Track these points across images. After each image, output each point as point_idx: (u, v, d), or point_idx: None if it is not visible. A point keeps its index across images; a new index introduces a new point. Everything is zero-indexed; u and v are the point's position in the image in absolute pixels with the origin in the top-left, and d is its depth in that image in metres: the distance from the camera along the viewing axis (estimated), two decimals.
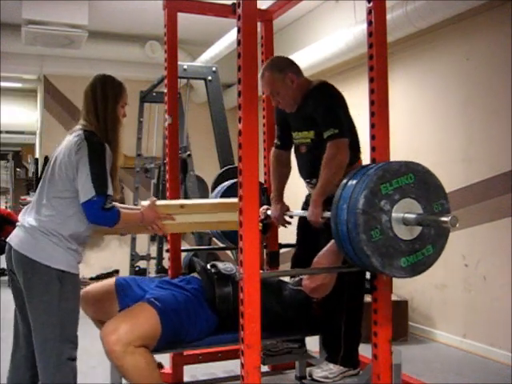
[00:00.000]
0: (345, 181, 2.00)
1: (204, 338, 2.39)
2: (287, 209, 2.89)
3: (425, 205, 1.93)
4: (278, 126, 2.98)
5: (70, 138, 2.22)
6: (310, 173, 2.78)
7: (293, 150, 2.92)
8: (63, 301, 2.12)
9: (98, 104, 2.26)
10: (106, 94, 2.28)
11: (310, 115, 2.65)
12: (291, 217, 2.91)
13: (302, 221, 2.94)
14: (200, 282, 2.51)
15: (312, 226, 2.61)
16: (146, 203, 2.40)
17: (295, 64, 2.75)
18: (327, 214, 2.36)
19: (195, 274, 2.61)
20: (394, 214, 1.88)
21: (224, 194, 3.10)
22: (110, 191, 2.14)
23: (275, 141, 2.99)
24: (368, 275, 2.33)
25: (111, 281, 2.54)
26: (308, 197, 2.91)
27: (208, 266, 2.58)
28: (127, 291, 2.49)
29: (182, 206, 2.45)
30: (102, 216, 2.13)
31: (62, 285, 2.12)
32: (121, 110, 2.33)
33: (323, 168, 2.52)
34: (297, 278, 2.61)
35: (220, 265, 2.55)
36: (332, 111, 2.58)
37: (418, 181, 1.93)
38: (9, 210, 8.36)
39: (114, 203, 2.19)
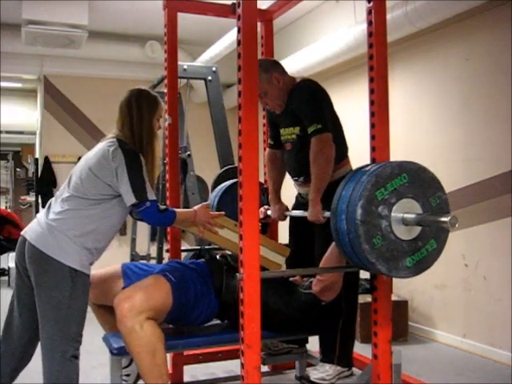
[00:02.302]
0: (338, 191, 2.00)
1: (201, 321, 2.41)
2: (286, 208, 2.90)
3: (422, 201, 1.93)
4: (269, 125, 3.00)
5: (103, 145, 2.26)
6: (296, 170, 2.78)
7: None
8: (73, 299, 2.14)
9: (134, 118, 2.31)
10: (141, 108, 2.33)
11: (294, 112, 2.67)
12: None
13: (294, 223, 2.94)
14: (208, 268, 2.53)
15: (302, 227, 2.62)
16: (198, 207, 2.48)
17: (280, 64, 2.79)
18: (327, 213, 2.36)
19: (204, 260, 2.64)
20: (393, 217, 1.88)
21: (224, 195, 3.09)
22: (152, 195, 2.21)
23: (269, 141, 3.00)
24: (368, 275, 2.33)
25: (116, 266, 2.57)
26: (298, 197, 2.92)
27: (218, 257, 2.61)
28: (134, 270, 2.52)
29: (235, 225, 2.50)
30: (161, 217, 2.25)
31: (74, 283, 2.14)
32: (156, 123, 2.38)
33: (312, 165, 2.53)
34: (307, 282, 2.61)
35: (229, 257, 2.58)
36: (314, 106, 2.59)
37: (411, 179, 1.92)
38: (8, 210, 8.35)
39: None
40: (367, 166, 2.02)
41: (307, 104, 2.60)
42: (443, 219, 1.82)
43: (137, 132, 2.30)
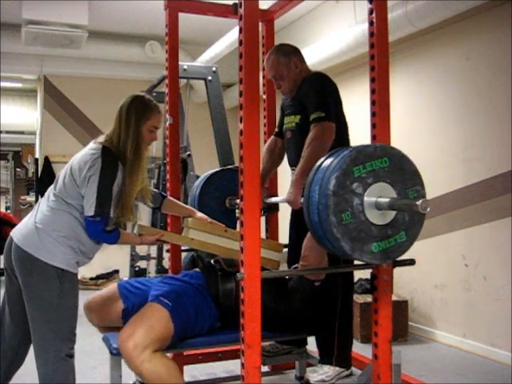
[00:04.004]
0: (318, 163, 1.97)
1: (206, 331, 2.42)
2: (266, 194, 2.91)
3: (399, 190, 1.89)
4: (279, 113, 3.03)
5: (88, 150, 2.24)
6: (293, 159, 2.77)
7: None
8: (62, 298, 2.14)
9: (121, 126, 2.25)
10: (129, 116, 2.25)
11: (301, 100, 2.69)
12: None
13: (295, 215, 2.93)
14: (203, 277, 2.53)
15: (303, 220, 2.60)
16: (190, 219, 2.49)
17: (300, 51, 2.83)
18: None
19: (198, 270, 2.63)
20: (366, 198, 1.84)
21: (205, 185, 3.06)
22: (111, 213, 2.19)
23: (276, 128, 3.03)
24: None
25: (113, 285, 2.57)
26: None
27: (212, 262, 2.60)
28: (131, 290, 2.52)
29: (225, 231, 2.53)
30: (102, 237, 2.24)
31: (62, 283, 2.14)
32: (146, 135, 2.28)
33: (306, 148, 2.50)
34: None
35: (223, 262, 2.58)
36: (321, 96, 2.60)
37: (392, 165, 1.89)
38: (5, 212, 8.33)
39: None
40: (346, 147, 2.00)
41: (314, 92, 2.61)
42: (415, 202, 1.77)
43: (122, 140, 2.23)
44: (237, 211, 2.89)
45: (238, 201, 2.86)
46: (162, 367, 2.15)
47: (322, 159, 1.97)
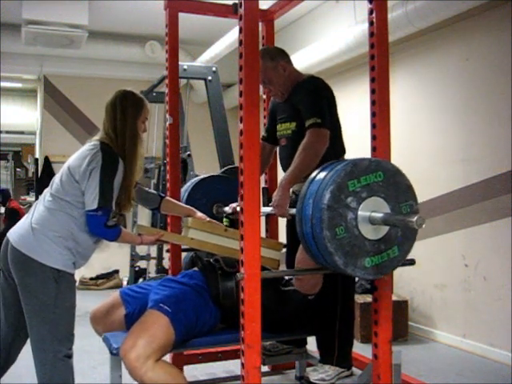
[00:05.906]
0: (313, 175, 1.96)
1: (208, 331, 2.42)
2: None
3: (393, 205, 1.89)
4: (268, 117, 3.01)
5: (86, 147, 2.28)
6: (287, 167, 2.76)
7: None
8: (59, 299, 2.14)
9: (117, 119, 2.32)
10: (125, 110, 2.33)
11: (295, 106, 2.66)
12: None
13: (290, 220, 2.92)
14: (202, 277, 2.53)
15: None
16: (189, 219, 2.50)
17: (286, 53, 2.80)
18: (293, 211, 2.26)
19: (197, 269, 2.63)
20: (360, 212, 1.84)
21: (192, 191, 3.04)
22: (112, 207, 2.21)
23: (263, 132, 2.99)
24: None
25: (115, 294, 2.58)
26: (291, 195, 2.89)
27: (211, 261, 2.60)
28: (131, 294, 2.54)
29: (225, 230, 2.54)
30: (103, 232, 2.23)
31: (58, 284, 2.14)
32: (141, 126, 2.37)
33: (299, 153, 2.46)
34: (284, 281, 2.62)
35: (221, 260, 2.58)
36: (316, 101, 2.57)
37: (387, 180, 1.89)
38: (19, 206, 8.29)
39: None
40: (340, 160, 2.01)
41: (309, 97, 2.58)
42: (410, 219, 1.76)
43: (120, 134, 2.30)
44: (224, 220, 2.90)
45: (225, 208, 2.91)
46: (166, 375, 2.14)
47: (315, 172, 1.96)
